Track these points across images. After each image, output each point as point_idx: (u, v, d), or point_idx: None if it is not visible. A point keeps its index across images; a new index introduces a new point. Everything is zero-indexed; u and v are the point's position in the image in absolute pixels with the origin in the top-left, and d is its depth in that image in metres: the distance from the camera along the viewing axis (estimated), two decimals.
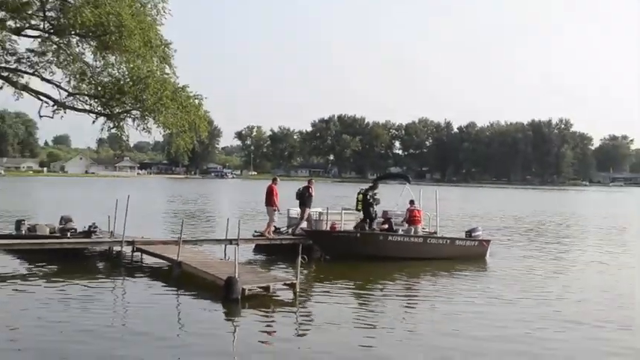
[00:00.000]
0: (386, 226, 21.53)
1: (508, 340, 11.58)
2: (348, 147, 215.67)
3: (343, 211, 22.38)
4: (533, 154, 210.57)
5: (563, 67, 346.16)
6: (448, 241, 21.96)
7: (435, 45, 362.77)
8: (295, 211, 22.56)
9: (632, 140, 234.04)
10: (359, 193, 22.09)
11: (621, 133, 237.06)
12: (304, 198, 21.59)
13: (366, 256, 19.75)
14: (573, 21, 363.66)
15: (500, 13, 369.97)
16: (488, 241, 22.80)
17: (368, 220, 21.59)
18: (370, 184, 22.74)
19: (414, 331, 12.25)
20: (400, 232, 21.46)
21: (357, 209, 22.26)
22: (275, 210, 21.48)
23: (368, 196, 21.73)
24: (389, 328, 12.29)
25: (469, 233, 22.74)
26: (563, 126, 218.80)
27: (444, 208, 33.97)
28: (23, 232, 20.22)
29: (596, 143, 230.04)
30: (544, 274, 19.16)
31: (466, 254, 21.54)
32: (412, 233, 21.36)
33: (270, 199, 21.53)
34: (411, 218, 21.57)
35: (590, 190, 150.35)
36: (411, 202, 21.91)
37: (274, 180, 22.20)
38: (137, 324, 11.99)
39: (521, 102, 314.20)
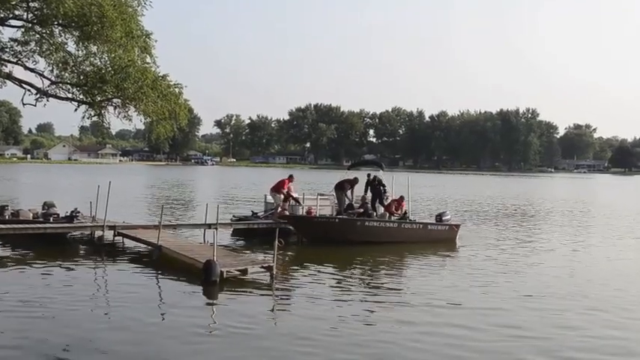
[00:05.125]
0: (362, 210, 22.22)
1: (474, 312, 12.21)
2: (324, 135, 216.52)
3: (319, 197, 23.02)
4: (502, 143, 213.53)
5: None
6: (421, 225, 22.69)
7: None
8: (270, 197, 23.19)
9: (595, 129, 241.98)
10: (368, 175, 23.04)
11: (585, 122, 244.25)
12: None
13: (344, 240, 20.33)
14: None
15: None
16: (458, 226, 23.61)
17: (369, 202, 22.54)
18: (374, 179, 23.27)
19: (388, 312, 12.47)
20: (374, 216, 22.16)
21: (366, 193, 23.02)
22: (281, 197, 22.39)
23: (376, 182, 22.64)
24: (363, 310, 12.56)
25: (439, 217, 23.52)
26: (530, 115, 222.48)
27: (415, 194, 34.69)
28: (6, 217, 20.25)
29: (561, 132, 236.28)
30: (509, 256, 19.92)
31: (438, 238, 22.30)
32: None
33: (277, 188, 22.52)
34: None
35: (556, 177, 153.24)
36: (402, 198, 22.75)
37: (290, 177, 23.19)
38: (118, 307, 12.13)
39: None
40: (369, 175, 23.14)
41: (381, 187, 22.67)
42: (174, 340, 10.10)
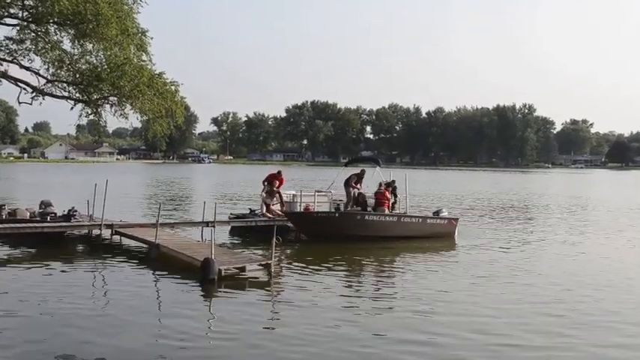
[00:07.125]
0: (359, 208, 22.18)
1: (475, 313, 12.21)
2: (321, 132, 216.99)
3: (316, 193, 23.03)
4: (499, 138, 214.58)
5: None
6: (420, 220, 22.73)
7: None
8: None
9: (591, 124, 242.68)
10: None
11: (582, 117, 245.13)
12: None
13: (343, 235, 20.26)
14: None
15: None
16: (456, 219, 23.64)
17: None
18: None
19: (387, 308, 12.48)
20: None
21: None
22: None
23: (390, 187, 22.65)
24: (361, 307, 12.50)
25: (436, 214, 23.55)
26: (526, 111, 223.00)
27: (413, 190, 34.77)
28: (4, 216, 20.28)
29: (557, 127, 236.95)
30: (508, 253, 19.88)
31: (437, 232, 22.32)
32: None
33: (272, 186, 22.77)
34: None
35: (553, 172, 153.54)
36: (380, 185, 22.64)
37: (279, 172, 23.58)
38: (115, 305, 12.07)
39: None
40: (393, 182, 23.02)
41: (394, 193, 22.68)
42: (172, 338, 10.04)
